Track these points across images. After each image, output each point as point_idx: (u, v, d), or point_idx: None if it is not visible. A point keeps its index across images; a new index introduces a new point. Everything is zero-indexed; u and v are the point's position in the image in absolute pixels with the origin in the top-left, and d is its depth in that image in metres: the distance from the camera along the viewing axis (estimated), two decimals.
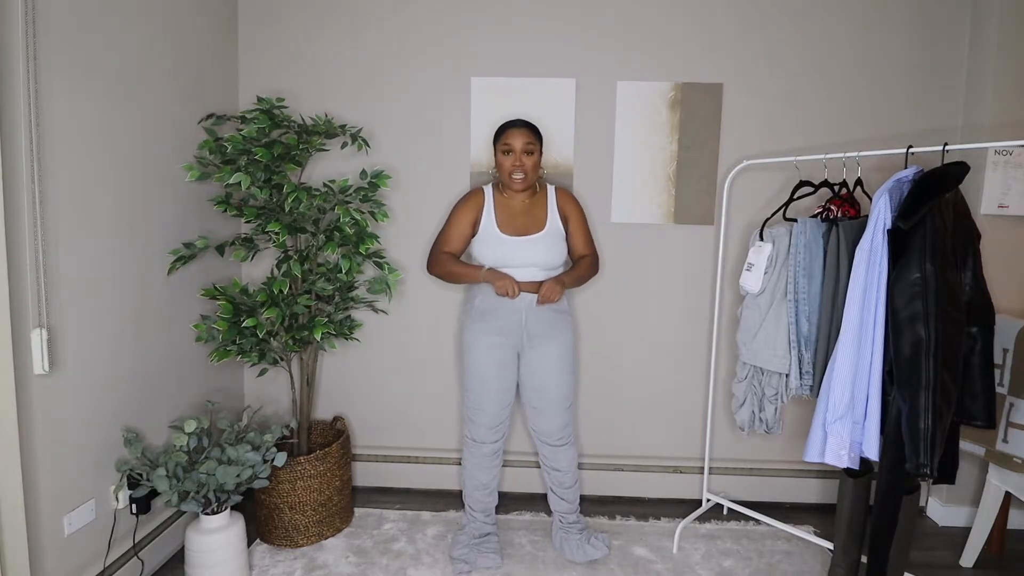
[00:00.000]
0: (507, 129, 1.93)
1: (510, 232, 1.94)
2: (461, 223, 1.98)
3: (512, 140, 1.90)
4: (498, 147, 1.94)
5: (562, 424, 2.00)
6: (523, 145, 1.90)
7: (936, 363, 1.41)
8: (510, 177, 1.93)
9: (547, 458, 2.05)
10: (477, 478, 2.03)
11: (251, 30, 2.32)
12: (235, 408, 2.39)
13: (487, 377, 1.96)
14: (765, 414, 1.92)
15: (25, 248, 1.44)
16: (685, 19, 2.25)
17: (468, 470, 2.05)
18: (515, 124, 1.94)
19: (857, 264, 1.53)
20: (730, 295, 2.31)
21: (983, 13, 2.15)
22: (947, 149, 1.51)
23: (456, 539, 2.06)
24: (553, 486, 2.07)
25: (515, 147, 1.90)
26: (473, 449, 2.03)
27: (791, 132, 2.27)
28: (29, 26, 1.41)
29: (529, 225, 1.96)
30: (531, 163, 1.92)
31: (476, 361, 1.96)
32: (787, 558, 2.06)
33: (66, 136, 1.54)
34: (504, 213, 1.97)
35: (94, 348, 1.67)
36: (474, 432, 2.02)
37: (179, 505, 1.70)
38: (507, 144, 1.91)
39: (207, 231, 2.11)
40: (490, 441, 2.01)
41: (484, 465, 2.03)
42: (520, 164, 1.91)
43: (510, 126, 1.94)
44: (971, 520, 2.08)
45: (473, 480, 2.04)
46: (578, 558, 1.99)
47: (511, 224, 1.95)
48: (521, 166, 1.91)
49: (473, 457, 2.03)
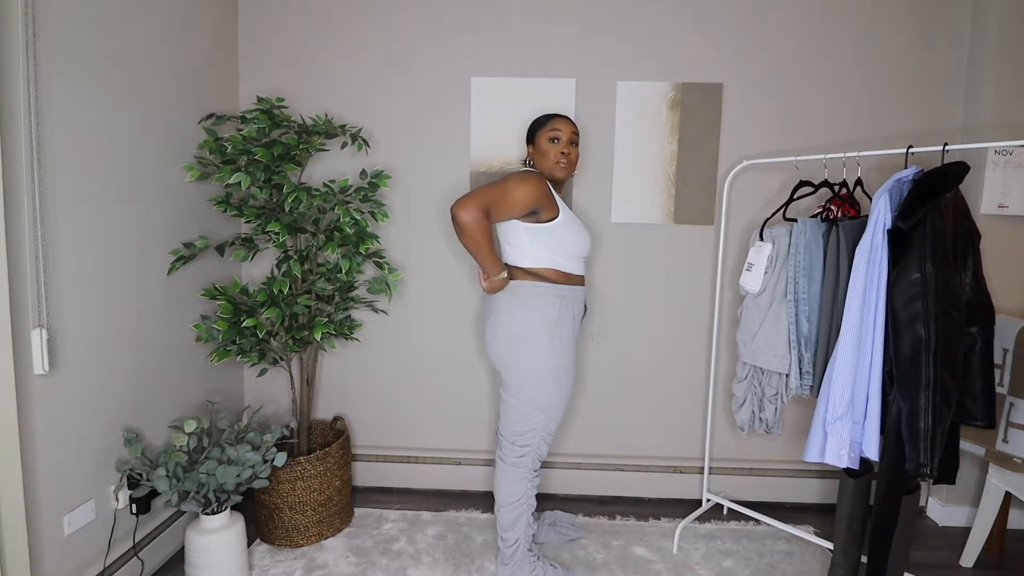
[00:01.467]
0: (552, 117, 1.85)
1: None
2: (526, 202, 1.70)
3: (561, 126, 1.82)
4: (542, 135, 1.83)
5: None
6: (570, 135, 1.83)
7: (936, 363, 1.41)
8: (556, 165, 1.82)
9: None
10: (532, 504, 1.87)
11: (251, 30, 2.32)
12: (235, 408, 2.39)
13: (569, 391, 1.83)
14: (765, 414, 1.92)
15: (25, 248, 1.44)
16: (685, 19, 2.25)
17: (526, 499, 1.84)
18: (558, 115, 1.86)
19: (857, 264, 1.53)
20: (730, 295, 2.31)
21: (983, 13, 2.15)
22: (947, 149, 1.51)
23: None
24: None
25: (563, 135, 1.82)
26: (531, 479, 1.85)
27: (791, 132, 2.27)
28: (29, 26, 1.41)
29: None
30: (575, 155, 1.85)
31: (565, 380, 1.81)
32: (787, 558, 2.06)
33: (66, 136, 1.54)
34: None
35: (94, 348, 1.67)
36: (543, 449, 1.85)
37: (179, 505, 1.70)
38: (556, 130, 1.82)
39: (207, 231, 2.11)
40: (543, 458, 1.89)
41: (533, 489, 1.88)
42: (567, 153, 1.82)
43: (555, 115, 1.86)
44: (971, 520, 2.08)
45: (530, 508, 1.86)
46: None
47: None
48: (567, 155, 1.82)
49: (528, 484, 1.84)
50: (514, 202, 1.70)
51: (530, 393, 1.78)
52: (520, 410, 1.80)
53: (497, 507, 1.86)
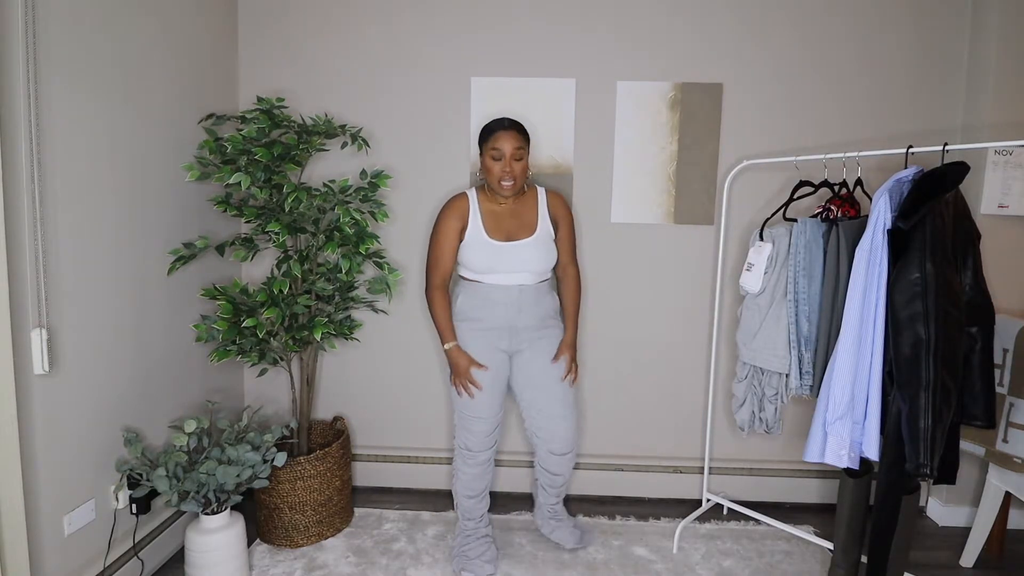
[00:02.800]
0: (494, 132, 1.82)
1: (499, 237, 1.87)
2: (449, 237, 1.88)
3: (501, 145, 1.80)
4: (486, 151, 1.84)
5: (568, 426, 1.96)
6: (512, 151, 1.80)
7: (936, 363, 1.41)
8: (499, 184, 1.83)
9: (547, 462, 2.01)
10: (471, 488, 1.99)
11: (251, 30, 2.32)
12: (235, 408, 2.39)
13: (483, 385, 1.90)
14: (765, 414, 1.92)
15: (25, 248, 1.44)
16: (685, 19, 2.25)
17: (462, 480, 1.99)
18: (503, 125, 1.83)
19: (857, 264, 1.53)
20: (730, 295, 2.31)
21: (983, 13, 2.15)
22: (947, 149, 1.51)
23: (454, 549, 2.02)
24: (546, 486, 2.06)
25: (505, 152, 1.80)
26: (467, 459, 1.97)
27: (791, 132, 2.27)
28: (29, 26, 1.41)
29: (518, 229, 1.89)
30: (520, 168, 1.83)
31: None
32: (787, 558, 2.06)
33: (66, 136, 1.54)
34: (491, 218, 1.89)
35: (94, 348, 1.67)
36: (469, 441, 1.95)
37: (179, 505, 1.70)
38: (496, 149, 1.81)
39: (207, 231, 2.11)
40: (485, 449, 1.97)
41: (479, 475, 1.98)
42: (509, 171, 1.81)
43: (497, 127, 1.83)
44: (971, 520, 2.08)
45: (467, 490, 1.99)
46: (571, 543, 2.05)
47: (499, 228, 1.88)
48: (511, 172, 1.81)
49: (467, 467, 1.97)
50: (438, 256, 1.89)
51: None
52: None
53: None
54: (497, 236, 1.88)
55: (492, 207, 1.92)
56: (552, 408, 1.94)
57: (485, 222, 1.89)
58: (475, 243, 1.88)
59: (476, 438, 1.94)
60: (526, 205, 1.94)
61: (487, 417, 1.93)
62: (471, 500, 2.01)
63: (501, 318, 1.89)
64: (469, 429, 1.94)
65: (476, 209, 1.90)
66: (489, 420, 1.94)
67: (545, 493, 2.08)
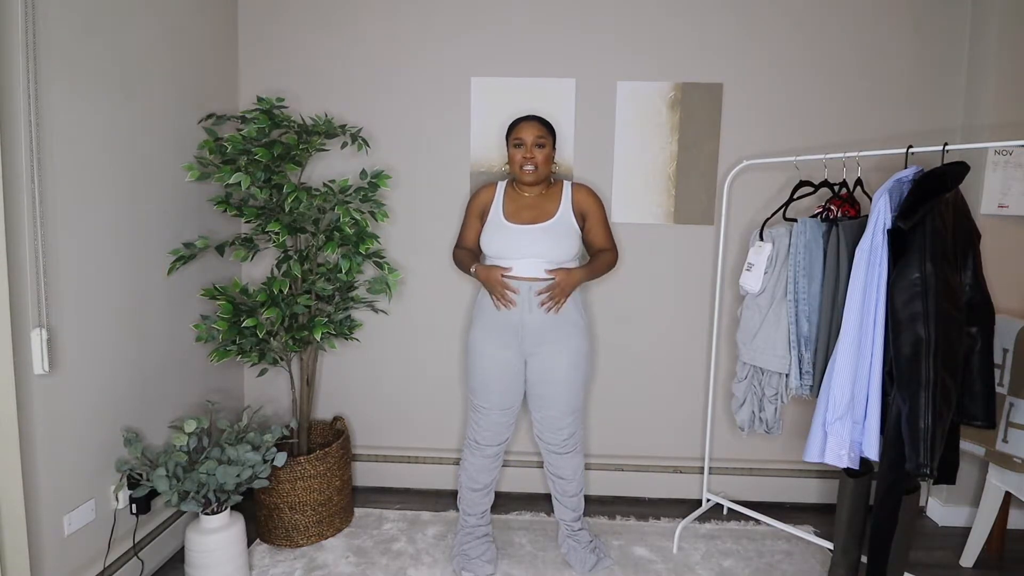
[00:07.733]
0: (518, 123, 1.92)
1: (515, 221, 1.91)
2: (472, 218, 2.02)
3: (523, 134, 1.89)
4: (510, 141, 1.93)
5: (567, 434, 1.95)
6: (534, 138, 1.88)
7: (936, 363, 1.41)
8: (521, 169, 1.90)
9: (551, 465, 2.01)
10: (477, 480, 2.00)
11: (251, 30, 2.32)
12: (235, 408, 2.39)
13: (489, 380, 1.93)
14: (765, 414, 1.92)
15: (25, 248, 1.44)
16: (685, 19, 2.25)
17: (468, 472, 2.01)
18: (526, 118, 1.93)
19: (857, 264, 1.53)
20: (730, 295, 2.31)
21: (983, 13, 2.15)
22: (947, 149, 1.51)
23: (454, 548, 2.02)
24: (557, 494, 2.04)
25: (526, 140, 1.89)
26: (475, 451, 1.99)
27: (791, 132, 2.27)
28: (29, 26, 1.41)
29: (537, 216, 1.91)
30: (543, 156, 1.89)
31: (478, 364, 1.94)
32: (787, 558, 2.06)
33: (66, 136, 1.54)
34: (513, 205, 1.95)
35: (94, 348, 1.67)
36: (478, 435, 1.99)
37: (179, 505, 1.70)
38: (518, 138, 1.90)
39: (207, 231, 2.11)
40: (494, 444, 1.99)
41: (486, 467, 2.00)
42: (531, 157, 1.88)
43: (521, 120, 1.93)
44: (971, 520, 2.08)
45: (472, 482, 2.01)
46: (581, 569, 1.96)
47: (518, 214, 1.92)
48: (532, 158, 1.88)
49: (474, 459, 2.00)
50: (463, 232, 2.06)
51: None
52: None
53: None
54: (514, 220, 1.92)
55: (516, 197, 1.98)
56: (549, 403, 1.93)
57: (506, 207, 1.95)
58: (492, 225, 1.94)
59: (482, 431, 1.97)
60: (550, 197, 1.97)
61: (490, 408, 1.94)
62: (475, 493, 2.01)
63: (512, 312, 1.87)
64: (478, 424, 1.98)
65: (501, 195, 1.99)
66: (493, 412, 1.94)
67: (561, 507, 2.04)
